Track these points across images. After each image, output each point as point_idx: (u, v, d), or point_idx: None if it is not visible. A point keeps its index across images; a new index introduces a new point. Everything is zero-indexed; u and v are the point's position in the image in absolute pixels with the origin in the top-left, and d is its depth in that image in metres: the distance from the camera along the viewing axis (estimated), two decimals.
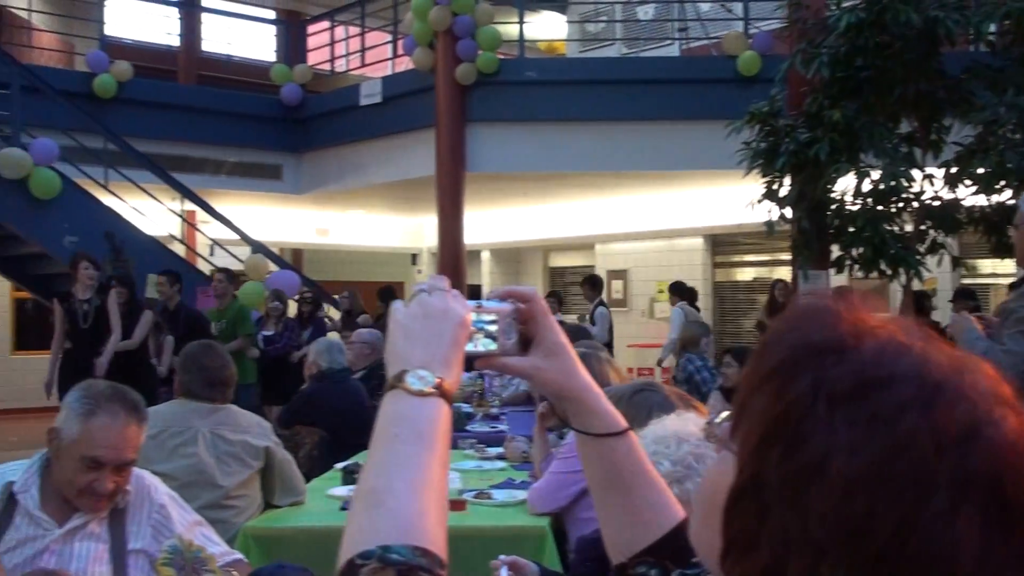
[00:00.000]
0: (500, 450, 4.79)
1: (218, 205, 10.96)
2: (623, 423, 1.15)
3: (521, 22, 11.56)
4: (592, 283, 10.87)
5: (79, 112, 10.13)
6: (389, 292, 10.21)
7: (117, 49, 12.95)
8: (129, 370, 7.48)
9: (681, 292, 11.02)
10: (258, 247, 10.74)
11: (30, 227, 9.26)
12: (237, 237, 10.84)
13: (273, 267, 11.00)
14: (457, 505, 3.51)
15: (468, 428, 5.65)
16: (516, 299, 1.10)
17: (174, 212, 11.18)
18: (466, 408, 6.16)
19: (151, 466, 2.81)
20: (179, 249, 11.29)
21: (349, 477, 3.99)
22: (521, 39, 11.57)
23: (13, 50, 11.19)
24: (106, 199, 10.04)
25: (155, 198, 10.65)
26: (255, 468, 3.60)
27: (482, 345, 1.08)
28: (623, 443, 1.14)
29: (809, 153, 7.28)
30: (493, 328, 1.09)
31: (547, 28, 16.09)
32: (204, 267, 11.33)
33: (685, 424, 1.66)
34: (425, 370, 0.97)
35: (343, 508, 3.65)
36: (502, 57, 11.19)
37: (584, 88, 10.94)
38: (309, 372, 5.32)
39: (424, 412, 0.95)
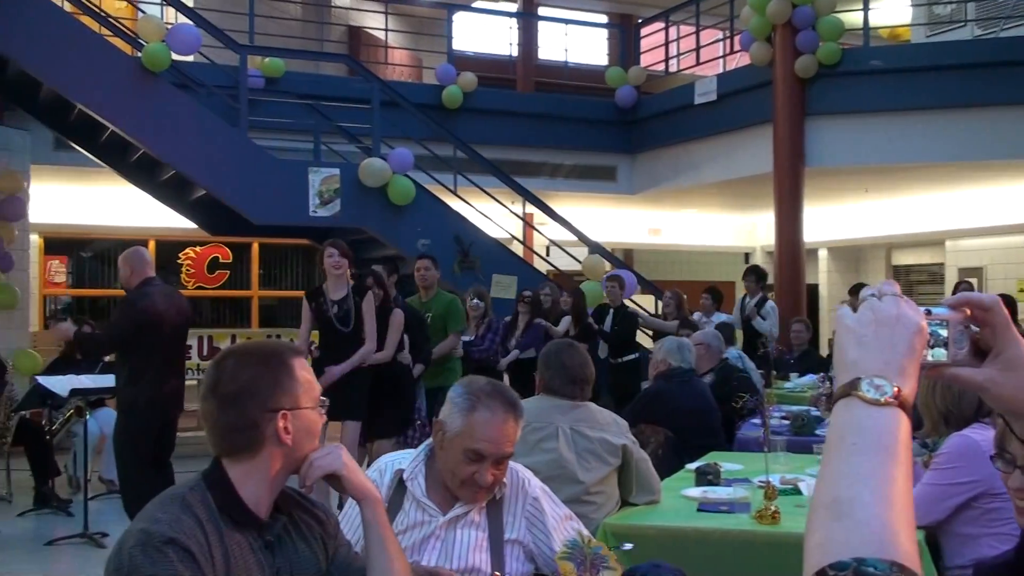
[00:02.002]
0: None
1: (555, 207, 11.28)
2: None
3: (866, 9, 11.03)
4: (757, 274, 9.82)
5: (431, 123, 10.78)
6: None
7: (462, 61, 13.68)
8: (391, 380, 6.68)
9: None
10: (595, 247, 10.94)
11: (388, 231, 9.92)
12: (572, 237, 11.10)
13: (609, 267, 11.18)
14: None
15: (818, 432, 5.46)
16: (975, 307, 1.03)
17: (515, 214, 11.62)
18: (814, 412, 5.96)
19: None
20: (518, 249, 11.73)
21: (703, 478, 3.96)
22: (866, 27, 11.05)
23: (371, 67, 12.08)
24: (454, 203, 10.61)
25: (498, 201, 11.14)
26: (613, 466, 3.64)
27: (931, 354, 1.02)
28: None
29: None
30: (943, 335, 1.03)
31: (891, 13, 15.25)
32: (541, 266, 11.72)
33: None
34: (881, 379, 0.92)
35: (699, 510, 3.62)
36: (843, 47, 10.74)
37: (934, 74, 10.28)
38: (657, 371, 5.34)
39: (882, 422, 0.91)
